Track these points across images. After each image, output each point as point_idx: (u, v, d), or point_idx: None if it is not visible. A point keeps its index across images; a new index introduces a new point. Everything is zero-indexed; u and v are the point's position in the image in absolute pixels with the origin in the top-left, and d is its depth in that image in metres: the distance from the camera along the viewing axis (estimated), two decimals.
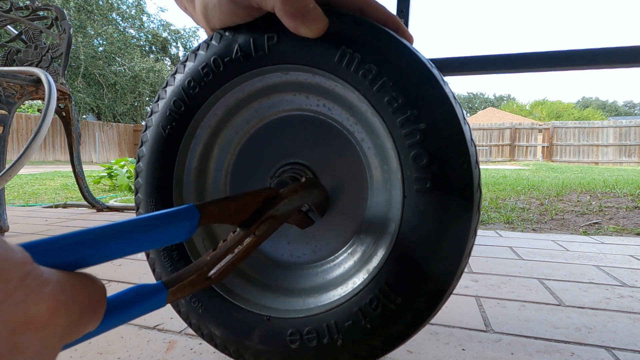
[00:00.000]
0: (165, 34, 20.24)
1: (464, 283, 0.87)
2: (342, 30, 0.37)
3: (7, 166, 1.26)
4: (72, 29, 1.77)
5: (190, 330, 0.61)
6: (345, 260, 0.46)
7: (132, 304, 0.21)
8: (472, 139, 0.36)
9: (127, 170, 3.81)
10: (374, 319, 0.37)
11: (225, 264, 0.30)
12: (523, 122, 17.75)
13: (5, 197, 1.80)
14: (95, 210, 2.04)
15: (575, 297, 0.79)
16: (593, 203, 2.37)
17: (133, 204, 2.11)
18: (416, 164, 0.35)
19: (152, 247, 0.22)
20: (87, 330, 0.19)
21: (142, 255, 1.09)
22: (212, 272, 0.29)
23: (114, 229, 0.20)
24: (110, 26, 16.35)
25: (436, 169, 0.34)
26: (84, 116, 16.82)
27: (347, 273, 0.45)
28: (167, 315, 0.67)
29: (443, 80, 0.36)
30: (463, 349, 0.56)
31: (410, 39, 0.40)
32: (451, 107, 0.35)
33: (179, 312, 0.48)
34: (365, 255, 0.44)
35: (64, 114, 1.79)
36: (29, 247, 0.17)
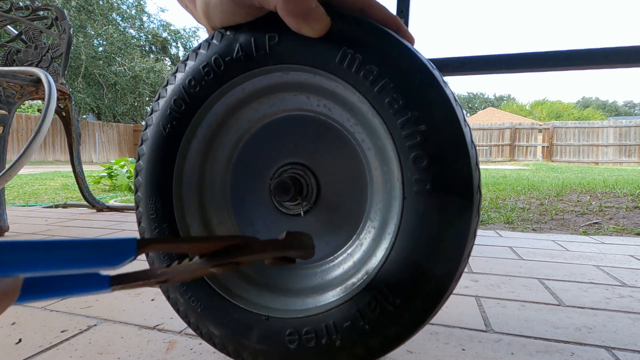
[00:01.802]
0: (165, 34, 20.22)
1: (464, 283, 0.87)
2: (343, 31, 0.37)
3: (7, 166, 1.26)
4: (72, 29, 1.77)
5: (190, 331, 0.61)
6: (344, 260, 0.46)
7: (76, 287, 0.23)
8: (472, 141, 0.36)
9: (127, 170, 3.81)
10: (373, 320, 0.37)
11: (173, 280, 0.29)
12: (523, 122, 17.74)
13: (5, 197, 1.80)
14: (95, 210, 2.04)
15: (575, 297, 0.79)
16: (593, 203, 2.37)
17: (133, 204, 2.10)
18: (416, 165, 0.35)
19: (79, 268, 0.21)
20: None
21: (142, 256, 1.09)
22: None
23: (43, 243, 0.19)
24: (110, 26, 16.34)
25: (436, 171, 0.34)
26: (84, 116, 16.81)
27: (346, 274, 0.45)
28: (167, 315, 0.67)
29: (444, 81, 0.36)
30: (463, 349, 0.56)
31: (411, 39, 0.40)
32: (452, 109, 0.35)
33: (177, 311, 0.48)
34: (364, 256, 0.44)
35: (64, 114, 1.79)
36: None
